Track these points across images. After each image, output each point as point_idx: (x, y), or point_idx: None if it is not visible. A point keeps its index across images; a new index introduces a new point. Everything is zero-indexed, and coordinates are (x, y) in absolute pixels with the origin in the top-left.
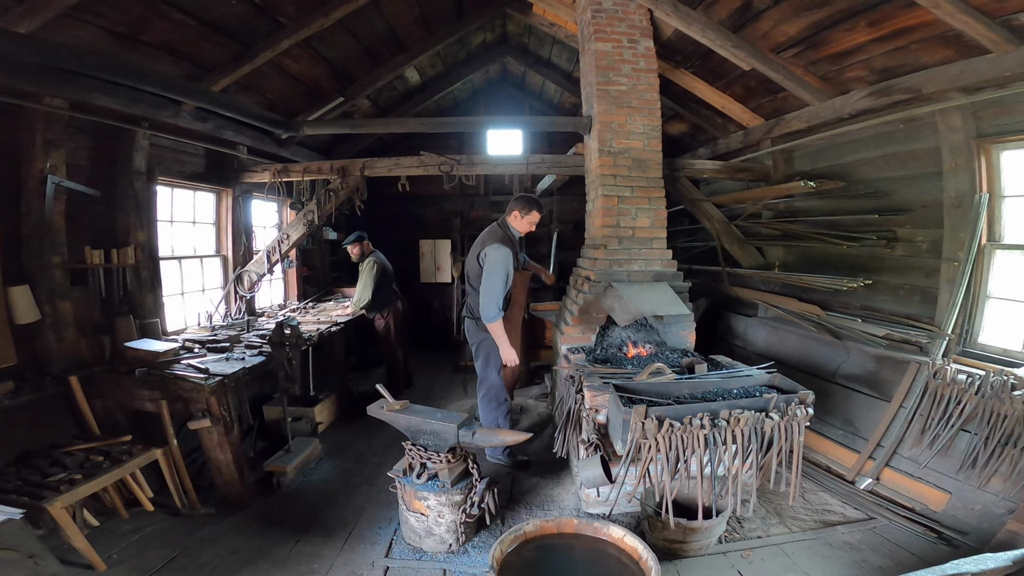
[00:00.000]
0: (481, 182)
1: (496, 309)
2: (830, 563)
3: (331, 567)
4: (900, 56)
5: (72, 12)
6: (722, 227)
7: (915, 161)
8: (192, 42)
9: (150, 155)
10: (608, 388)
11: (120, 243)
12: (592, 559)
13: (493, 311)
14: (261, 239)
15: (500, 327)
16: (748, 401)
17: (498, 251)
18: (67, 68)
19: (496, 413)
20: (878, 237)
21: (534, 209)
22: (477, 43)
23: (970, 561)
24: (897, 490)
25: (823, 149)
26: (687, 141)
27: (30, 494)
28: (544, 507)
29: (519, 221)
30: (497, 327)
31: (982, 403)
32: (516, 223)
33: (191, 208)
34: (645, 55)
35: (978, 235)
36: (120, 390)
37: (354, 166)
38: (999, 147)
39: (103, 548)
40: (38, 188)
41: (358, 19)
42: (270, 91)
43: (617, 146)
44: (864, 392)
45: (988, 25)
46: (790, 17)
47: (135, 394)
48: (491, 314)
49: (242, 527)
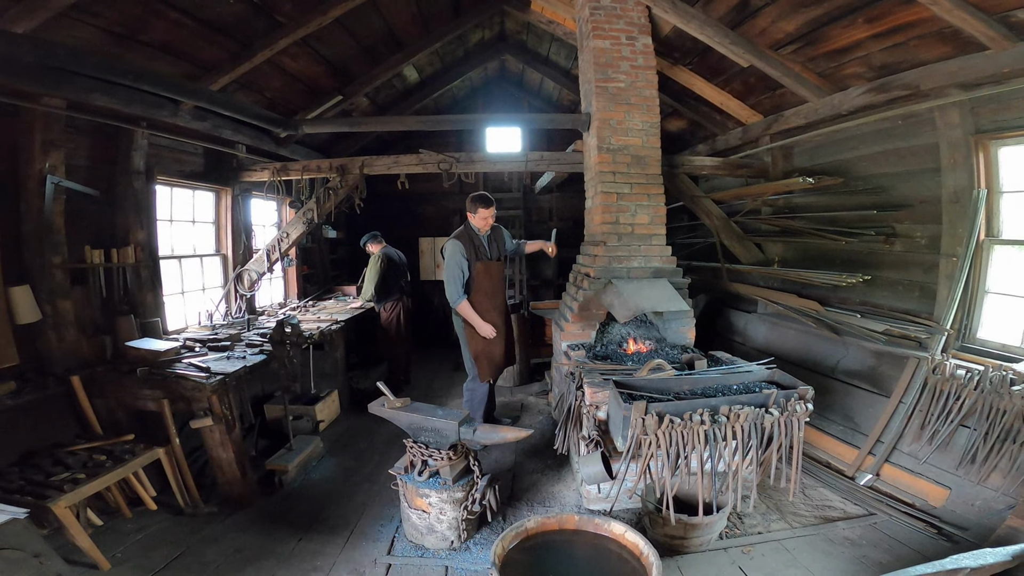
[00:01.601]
0: (480, 180)
1: (456, 294)
2: (830, 559)
3: (334, 564)
4: (898, 53)
5: (70, 12)
6: (721, 223)
7: (913, 157)
8: (190, 41)
9: (149, 154)
10: (608, 384)
11: (120, 242)
12: (593, 555)
13: (454, 296)
14: (261, 238)
15: (467, 307)
16: (748, 397)
17: (449, 245)
18: (65, 68)
19: (469, 395)
20: (877, 233)
21: (480, 206)
22: (475, 41)
23: (969, 556)
24: (897, 486)
25: (822, 145)
26: (686, 138)
27: (34, 493)
28: (545, 504)
29: (474, 219)
30: (464, 307)
31: (981, 398)
32: (473, 221)
33: (190, 207)
34: (643, 52)
35: (976, 231)
36: (122, 389)
37: (353, 164)
38: (997, 143)
39: (107, 547)
40: (37, 188)
41: (356, 17)
42: (269, 90)
43: (616, 143)
44: (864, 388)
45: (986, 22)
46: (788, 14)
47: (137, 393)
48: (453, 298)
49: (245, 525)
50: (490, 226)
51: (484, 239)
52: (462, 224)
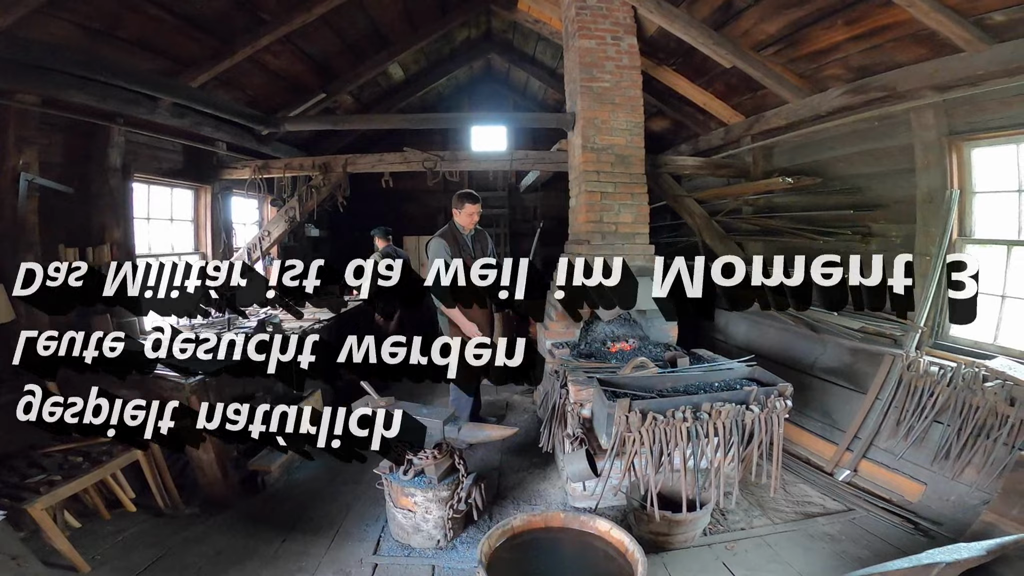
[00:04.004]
0: (465, 178)
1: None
2: (811, 554)
3: (319, 565)
4: (876, 54)
5: (45, 8)
6: (703, 223)
7: (889, 158)
8: (169, 37)
9: (126, 151)
10: (592, 382)
11: (96, 241)
12: (579, 552)
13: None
14: (241, 236)
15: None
16: (729, 394)
17: (433, 243)
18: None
19: (455, 393)
20: (853, 232)
21: (466, 202)
22: (461, 39)
23: (944, 551)
24: (875, 481)
25: (801, 146)
26: (669, 138)
27: (9, 496)
28: (531, 502)
29: (459, 216)
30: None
31: (954, 395)
32: (458, 219)
33: (168, 205)
34: (629, 52)
35: (949, 230)
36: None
37: (336, 162)
38: (970, 144)
39: (86, 549)
40: (11, 186)
41: (341, 15)
42: (250, 87)
43: (600, 142)
44: (841, 384)
45: (961, 24)
46: (770, 15)
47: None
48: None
49: (227, 527)
50: (475, 224)
51: (468, 238)
52: (447, 223)
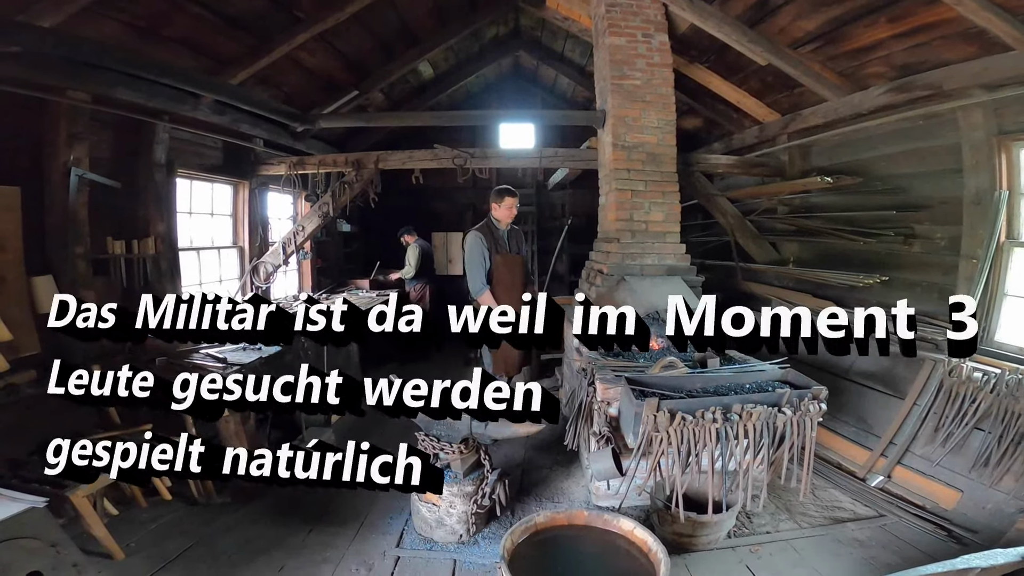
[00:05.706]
0: (494, 175)
1: (479, 284)
2: (839, 559)
3: (343, 556)
4: (921, 52)
5: (94, 7)
6: (736, 222)
7: (934, 157)
8: (210, 36)
9: (170, 148)
10: (620, 381)
11: (141, 234)
12: (602, 551)
13: (476, 285)
14: (277, 231)
15: (488, 297)
16: (760, 396)
17: (470, 236)
18: (90, 62)
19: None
20: (896, 233)
21: (506, 196)
22: (490, 37)
23: (980, 556)
24: (908, 488)
25: (840, 145)
26: (701, 136)
27: (53, 483)
28: (554, 499)
29: (498, 211)
30: (486, 297)
31: (997, 401)
32: (496, 213)
33: (209, 200)
34: (660, 50)
35: (997, 233)
36: None
37: (368, 159)
38: (1020, 144)
39: (121, 537)
40: (62, 180)
41: (372, 13)
42: (286, 84)
43: (631, 140)
44: (877, 389)
45: (1011, 22)
46: (808, 12)
47: None
48: (475, 288)
49: (256, 516)
50: (512, 218)
51: (504, 233)
52: (478, 220)
